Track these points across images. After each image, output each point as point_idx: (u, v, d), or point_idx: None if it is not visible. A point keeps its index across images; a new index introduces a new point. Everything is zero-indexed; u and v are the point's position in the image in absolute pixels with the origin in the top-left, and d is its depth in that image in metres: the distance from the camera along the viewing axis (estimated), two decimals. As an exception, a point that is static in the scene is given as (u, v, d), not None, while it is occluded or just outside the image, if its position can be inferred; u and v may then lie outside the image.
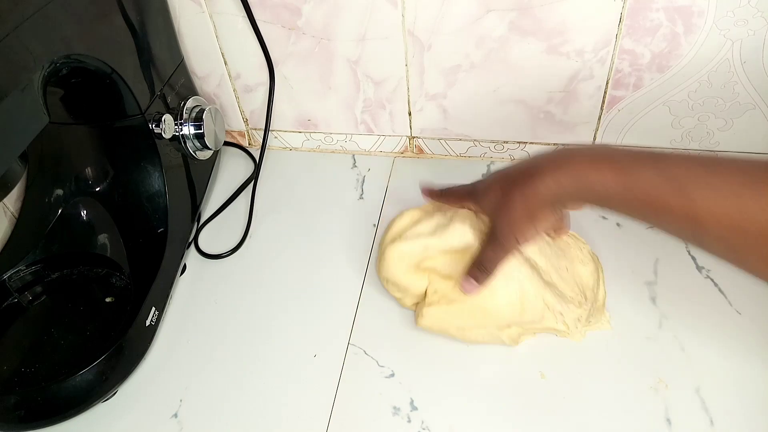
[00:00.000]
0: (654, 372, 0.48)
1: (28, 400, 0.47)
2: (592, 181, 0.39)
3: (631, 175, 0.37)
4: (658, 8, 0.52)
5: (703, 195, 0.35)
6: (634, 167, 0.38)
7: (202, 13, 0.62)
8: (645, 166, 0.37)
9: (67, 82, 0.50)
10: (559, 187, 0.40)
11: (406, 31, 0.59)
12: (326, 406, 0.49)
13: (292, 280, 0.59)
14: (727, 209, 0.34)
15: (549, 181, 0.40)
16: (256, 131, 0.73)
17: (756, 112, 0.58)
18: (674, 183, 0.36)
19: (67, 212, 0.58)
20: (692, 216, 0.35)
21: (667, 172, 0.36)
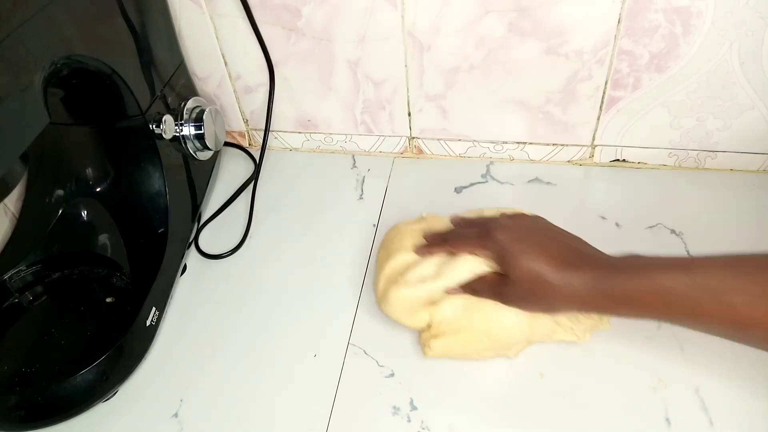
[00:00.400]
0: (654, 372, 0.48)
1: (29, 400, 0.47)
2: (629, 292, 0.40)
3: (665, 286, 0.39)
4: (656, 9, 0.52)
5: (741, 301, 0.36)
6: (668, 279, 0.39)
7: (202, 14, 0.62)
8: (678, 277, 0.38)
9: (67, 83, 0.51)
10: (591, 299, 0.42)
11: (405, 31, 0.59)
12: (326, 406, 0.49)
13: (292, 280, 0.59)
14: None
15: (581, 293, 0.41)
16: (256, 132, 0.74)
17: (755, 112, 0.58)
18: (711, 292, 0.37)
19: (68, 212, 0.58)
20: (733, 321, 0.37)
21: (701, 281, 0.38)
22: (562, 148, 0.66)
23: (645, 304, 0.40)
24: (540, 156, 0.67)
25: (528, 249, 0.44)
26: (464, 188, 0.66)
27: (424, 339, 0.50)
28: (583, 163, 0.67)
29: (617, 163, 0.66)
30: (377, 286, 0.53)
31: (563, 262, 0.43)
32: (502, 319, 0.47)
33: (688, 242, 0.57)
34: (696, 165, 0.64)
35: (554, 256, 0.43)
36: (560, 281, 0.42)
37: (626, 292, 0.40)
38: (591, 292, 0.41)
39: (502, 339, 0.48)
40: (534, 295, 0.44)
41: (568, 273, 0.42)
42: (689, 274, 0.38)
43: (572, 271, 0.42)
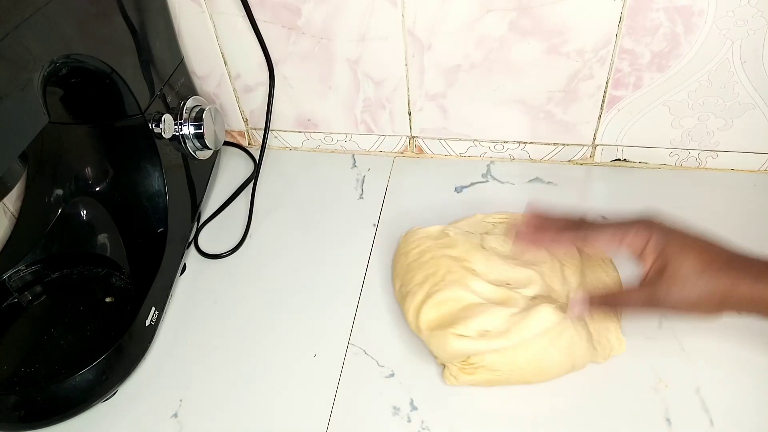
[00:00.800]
0: (655, 372, 0.48)
1: (28, 400, 0.47)
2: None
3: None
4: (658, 8, 0.52)
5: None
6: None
7: (202, 12, 0.62)
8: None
9: (66, 82, 0.50)
10: (753, 302, 0.39)
11: (406, 30, 0.59)
12: (326, 406, 0.49)
13: (291, 280, 0.59)
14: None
15: (747, 294, 0.39)
16: (256, 131, 0.73)
17: (756, 111, 0.58)
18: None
19: (67, 212, 0.58)
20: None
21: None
22: (562, 147, 0.66)
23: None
24: (541, 155, 0.67)
25: (692, 237, 0.42)
26: (465, 188, 0.66)
27: (453, 371, 0.48)
28: (584, 162, 0.67)
29: (618, 162, 0.66)
30: (410, 305, 0.50)
31: (729, 255, 0.41)
32: (543, 361, 0.46)
33: (688, 242, 0.57)
34: (697, 165, 0.64)
35: (717, 250, 0.41)
36: (733, 276, 0.40)
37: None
38: (756, 294, 0.39)
39: (539, 378, 0.47)
40: (705, 287, 0.40)
41: (740, 270, 0.40)
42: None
43: (745, 268, 0.40)
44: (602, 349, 0.48)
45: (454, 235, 0.53)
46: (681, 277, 0.40)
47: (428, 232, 0.54)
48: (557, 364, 0.46)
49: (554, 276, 0.50)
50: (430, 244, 0.53)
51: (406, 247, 0.55)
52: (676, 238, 0.41)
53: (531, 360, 0.46)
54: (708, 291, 0.40)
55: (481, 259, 0.51)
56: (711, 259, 0.40)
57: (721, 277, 0.40)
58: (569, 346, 0.46)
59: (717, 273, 0.40)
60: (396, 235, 0.58)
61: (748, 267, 0.40)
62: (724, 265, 0.40)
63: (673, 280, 0.40)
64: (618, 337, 0.49)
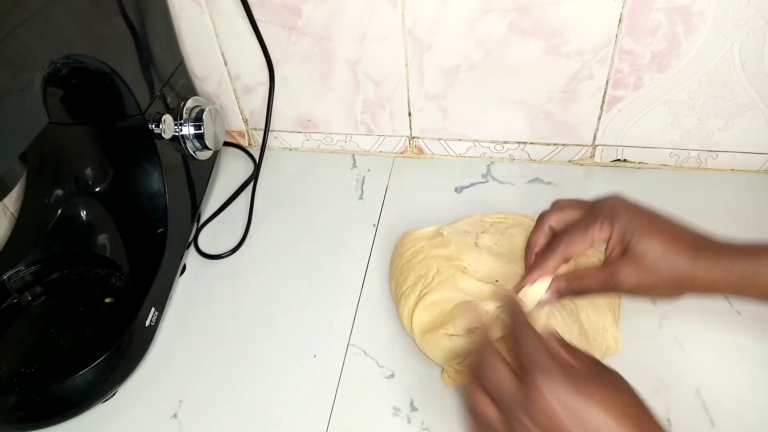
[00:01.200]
0: (654, 372, 0.48)
1: (28, 400, 0.47)
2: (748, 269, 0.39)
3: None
4: (658, 8, 0.52)
5: None
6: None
7: (202, 13, 0.62)
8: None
9: (67, 83, 0.50)
10: (722, 283, 0.40)
11: (406, 31, 0.59)
12: (326, 406, 0.49)
13: (291, 280, 0.59)
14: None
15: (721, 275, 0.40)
16: (255, 131, 0.73)
17: (756, 112, 0.58)
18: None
19: (67, 212, 0.58)
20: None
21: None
22: (562, 147, 0.66)
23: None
24: (541, 156, 0.67)
25: (656, 219, 0.42)
26: (465, 188, 0.66)
27: (451, 373, 0.48)
28: (584, 163, 0.67)
29: (618, 163, 0.66)
30: (404, 309, 0.50)
31: (692, 237, 0.41)
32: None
33: (688, 242, 0.57)
34: (697, 165, 0.64)
35: (680, 232, 0.41)
36: (694, 258, 0.40)
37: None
38: (726, 274, 0.39)
39: None
40: (666, 268, 0.40)
41: (702, 251, 0.40)
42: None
43: (706, 249, 0.40)
44: (598, 347, 0.48)
45: (447, 235, 0.53)
46: (642, 259, 0.40)
47: (424, 232, 0.55)
48: None
49: None
50: (423, 245, 0.53)
51: (400, 249, 0.55)
52: (638, 221, 0.41)
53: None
54: (668, 273, 0.40)
55: (472, 257, 0.51)
56: (672, 241, 0.40)
57: (682, 260, 0.40)
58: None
59: (678, 255, 0.40)
60: (396, 235, 0.58)
61: (709, 249, 0.40)
62: (685, 247, 0.40)
63: (634, 261, 0.40)
64: (615, 336, 0.49)
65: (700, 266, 0.39)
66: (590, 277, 0.43)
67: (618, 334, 0.49)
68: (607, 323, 0.49)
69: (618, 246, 0.42)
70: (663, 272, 0.40)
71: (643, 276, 0.40)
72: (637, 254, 0.40)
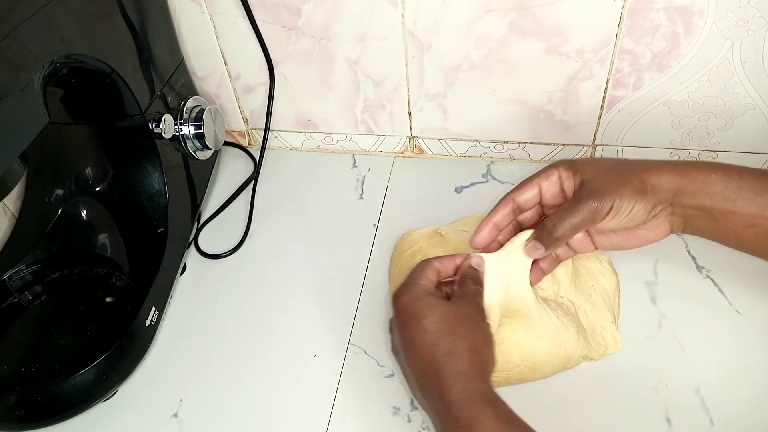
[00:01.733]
0: (654, 372, 0.48)
1: (28, 400, 0.47)
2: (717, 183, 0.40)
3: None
4: (658, 8, 0.52)
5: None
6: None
7: (202, 13, 0.62)
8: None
9: (67, 82, 0.50)
10: (682, 183, 0.40)
11: (406, 31, 0.59)
12: (326, 406, 0.49)
13: (291, 280, 0.59)
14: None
15: (671, 177, 0.40)
16: (256, 131, 0.73)
17: (756, 112, 0.58)
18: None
19: (67, 212, 0.58)
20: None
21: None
22: (563, 147, 0.66)
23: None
24: (541, 156, 0.67)
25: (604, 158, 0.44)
26: (465, 188, 0.66)
27: None
28: (584, 162, 0.67)
29: (618, 162, 0.66)
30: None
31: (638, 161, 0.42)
32: (537, 364, 0.46)
33: (688, 242, 0.57)
34: (697, 165, 0.64)
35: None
36: (643, 166, 0.41)
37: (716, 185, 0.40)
38: (677, 188, 0.40)
39: (536, 377, 0.47)
40: (616, 177, 0.41)
41: (651, 165, 0.41)
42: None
43: (652, 165, 0.41)
44: (596, 346, 0.48)
45: (446, 235, 0.53)
46: (597, 164, 0.42)
47: (422, 233, 0.55)
48: (550, 356, 0.46)
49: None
50: (422, 245, 0.53)
51: (399, 249, 0.55)
52: (583, 160, 0.44)
53: (524, 356, 0.46)
54: (623, 176, 0.41)
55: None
56: (619, 161, 0.43)
57: (633, 166, 0.41)
58: (556, 335, 0.46)
59: (629, 164, 0.42)
60: (396, 235, 0.58)
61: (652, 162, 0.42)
62: (632, 161, 0.42)
63: (590, 182, 0.41)
64: (613, 335, 0.49)
65: (651, 168, 0.41)
66: (559, 212, 0.43)
67: (617, 333, 0.49)
68: (605, 322, 0.49)
69: (570, 177, 0.43)
70: (619, 179, 0.41)
71: (603, 181, 0.41)
72: (589, 175, 0.42)
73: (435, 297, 0.41)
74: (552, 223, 0.42)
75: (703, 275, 0.54)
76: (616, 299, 0.52)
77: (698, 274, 0.54)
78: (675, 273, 0.55)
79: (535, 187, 0.44)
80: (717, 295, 0.53)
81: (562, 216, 0.42)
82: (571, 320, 0.47)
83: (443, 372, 0.38)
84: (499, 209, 0.45)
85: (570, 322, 0.47)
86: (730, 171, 0.40)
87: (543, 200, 0.45)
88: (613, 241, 0.45)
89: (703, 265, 0.55)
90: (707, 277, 0.54)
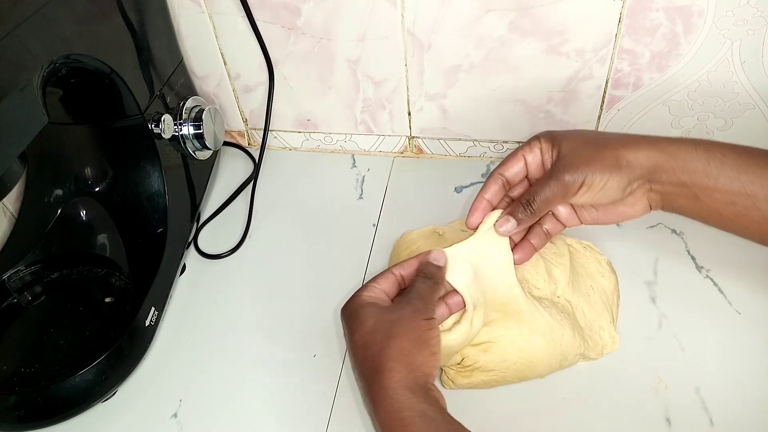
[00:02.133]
0: (654, 372, 0.48)
1: (28, 400, 0.47)
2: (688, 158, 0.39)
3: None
4: (657, 8, 0.52)
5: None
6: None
7: (201, 13, 0.62)
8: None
9: (66, 82, 0.50)
10: (660, 160, 0.40)
11: (405, 31, 0.59)
12: (326, 406, 0.49)
13: (291, 280, 0.59)
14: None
15: (648, 153, 0.40)
16: (255, 131, 0.73)
17: (755, 111, 0.58)
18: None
19: (67, 212, 0.58)
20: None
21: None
22: (562, 147, 0.66)
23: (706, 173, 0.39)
24: (540, 155, 0.67)
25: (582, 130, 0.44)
26: (464, 188, 0.66)
27: (450, 375, 0.47)
28: (584, 162, 0.67)
29: (618, 162, 0.66)
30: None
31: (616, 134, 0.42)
32: (534, 363, 0.46)
33: (688, 242, 0.57)
34: (696, 164, 0.64)
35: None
36: (620, 141, 0.40)
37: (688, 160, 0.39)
38: (655, 164, 0.40)
39: (532, 376, 0.47)
40: (590, 151, 0.41)
41: (628, 140, 0.41)
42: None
43: (630, 139, 0.41)
44: (594, 345, 0.48)
45: (444, 234, 0.53)
46: (571, 150, 0.41)
47: (420, 233, 0.55)
48: (546, 353, 0.46)
49: (536, 272, 0.49)
50: (420, 245, 0.53)
51: (398, 250, 0.55)
52: (564, 131, 0.43)
53: (520, 354, 0.46)
54: (597, 151, 0.40)
55: None
56: (599, 134, 0.42)
57: (610, 140, 0.41)
58: (550, 332, 0.46)
59: (607, 138, 0.41)
60: (396, 234, 0.58)
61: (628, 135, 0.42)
62: (612, 135, 0.42)
63: (566, 156, 0.41)
64: (611, 335, 0.49)
65: (632, 138, 0.41)
66: (533, 186, 0.43)
67: (615, 332, 0.49)
68: (603, 322, 0.49)
69: (550, 150, 0.43)
70: (594, 141, 0.41)
71: (577, 154, 0.41)
72: (565, 147, 0.41)
73: (372, 307, 0.40)
74: (525, 198, 0.42)
75: (703, 275, 0.54)
76: (615, 299, 0.52)
77: (698, 274, 0.54)
78: (675, 273, 0.55)
79: (521, 160, 0.44)
80: (717, 295, 0.53)
81: (536, 190, 0.42)
82: (565, 318, 0.47)
83: (371, 389, 0.37)
84: (489, 185, 0.45)
85: (564, 320, 0.47)
86: (713, 148, 0.39)
87: (529, 173, 0.45)
88: (594, 215, 0.44)
89: (703, 265, 0.55)
90: (707, 277, 0.54)
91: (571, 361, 0.48)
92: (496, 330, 0.46)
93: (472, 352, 0.46)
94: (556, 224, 0.46)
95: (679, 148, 0.40)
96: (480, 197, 0.45)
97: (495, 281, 0.45)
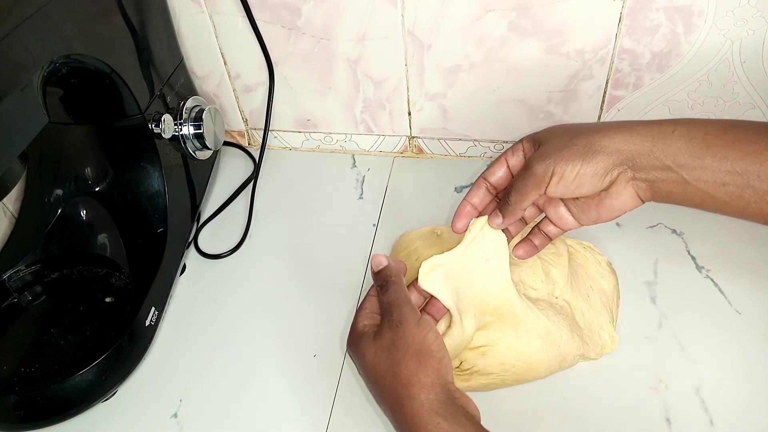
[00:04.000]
0: (654, 372, 0.48)
1: (28, 400, 0.47)
2: (670, 146, 0.38)
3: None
4: (658, 8, 0.52)
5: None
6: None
7: (201, 12, 0.62)
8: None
9: (66, 82, 0.50)
10: (638, 143, 0.38)
11: (405, 31, 0.59)
12: (326, 406, 0.49)
13: (291, 280, 0.59)
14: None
15: (623, 137, 0.39)
16: (255, 131, 0.73)
17: (756, 111, 0.58)
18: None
19: (67, 212, 0.58)
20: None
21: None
22: (562, 147, 0.66)
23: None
24: (540, 155, 0.67)
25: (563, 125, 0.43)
26: (464, 188, 0.66)
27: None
28: (584, 162, 0.67)
29: (618, 162, 0.66)
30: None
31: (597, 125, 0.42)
32: (532, 365, 0.46)
33: (688, 242, 0.57)
34: (697, 164, 0.64)
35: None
36: (594, 128, 0.40)
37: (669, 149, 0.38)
38: (640, 153, 0.38)
39: (531, 378, 0.47)
40: (563, 140, 0.40)
41: (603, 126, 0.40)
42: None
43: (605, 126, 0.40)
44: (594, 345, 0.48)
45: (442, 234, 0.53)
46: (545, 143, 0.41)
47: (419, 233, 0.55)
48: (545, 355, 0.46)
49: (533, 273, 0.49)
50: (418, 245, 0.53)
51: (396, 250, 0.55)
52: (544, 130, 0.43)
53: (518, 357, 0.46)
54: (569, 140, 0.40)
55: None
56: (574, 125, 0.41)
57: (585, 128, 0.40)
58: (547, 333, 0.46)
59: (581, 127, 0.41)
60: (396, 234, 0.58)
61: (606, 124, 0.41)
62: (588, 124, 0.41)
63: (540, 149, 0.41)
64: (611, 335, 0.49)
65: (607, 124, 0.40)
66: (512, 181, 0.43)
67: (614, 332, 0.49)
68: (603, 322, 0.49)
69: (532, 150, 0.43)
70: (568, 131, 0.41)
71: (550, 146, 0.41)
72: (547, 134, 0.42)
73: (366, 338, 0.41)
74: (504, 193, 0.43)
75: (703, 275, 0.54)
76: (615, 299, 0.52)
77: (698, 274, 0.54)
78: (675, 273, 0.55)
79: (503, 164, 0.45)
80: (717, 295, 0.53)
81: (512, 184, 0.43)
82: (564, 319, 0.47)
83: (401, 422, 0.37)
84: (472, 191, 0.46)
85: (562, 321, 0.47)
86: (694, 126, 0.38)
87: (513, 176, 0.45)
88: (585, 213, 0.43)
89: (703, 265, 0.55)
90: (707, 277, 0.54)
91: (571, 362, 0.48)
92: (493, 334, 0.46)
93: (470, 356, 0.46)
94: (555, 228, 0.46)
95: (658, 129, 0.38)
96: (464, 202, 0.46)
97: (487, 285, 0.45)
